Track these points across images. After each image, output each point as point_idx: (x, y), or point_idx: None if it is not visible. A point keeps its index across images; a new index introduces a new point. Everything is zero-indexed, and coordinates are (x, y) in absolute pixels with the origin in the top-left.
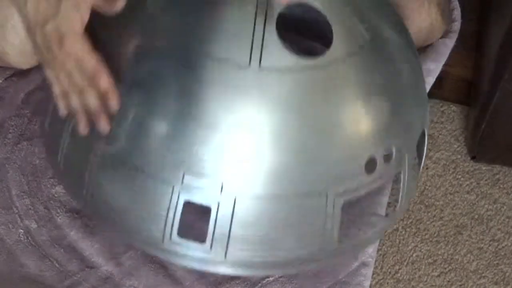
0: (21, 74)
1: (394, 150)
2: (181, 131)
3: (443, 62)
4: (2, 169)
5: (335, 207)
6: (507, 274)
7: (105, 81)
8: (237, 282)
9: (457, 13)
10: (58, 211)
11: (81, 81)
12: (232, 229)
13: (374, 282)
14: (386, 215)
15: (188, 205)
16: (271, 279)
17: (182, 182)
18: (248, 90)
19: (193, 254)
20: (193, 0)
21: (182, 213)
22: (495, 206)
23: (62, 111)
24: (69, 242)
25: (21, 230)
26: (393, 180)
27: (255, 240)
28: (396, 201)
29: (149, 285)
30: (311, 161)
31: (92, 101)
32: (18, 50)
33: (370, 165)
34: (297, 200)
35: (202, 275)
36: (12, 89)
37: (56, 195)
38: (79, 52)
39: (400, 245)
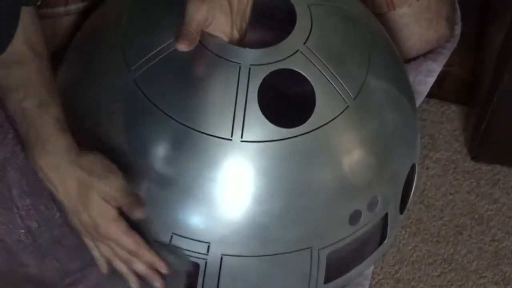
0: None
1: (379, 199)
2: (166, 199)
3: (443, 62)
4: (3, 169)
5: (320, 258)
6: (507, 274)
7: (147, 256)
8: None
9: (457, 16)
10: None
11: (125, 254)
12: (220, 284)
13: (374, 282)
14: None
15: None
16: None
17: (171, 241)
18: (231, 162)
19: None
20: (176, 72)
21: None
22: (495, 206)
23: (104, 269)
24: (70, 242)
25: (22, 230)
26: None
27: None
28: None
29: None
30: (294, 222)
31: (140, 267)
32: None
33: (355, 217)
34: (282, 258)
35: None
36: None
37: None
38: (114, 236)
39: (400, 245)
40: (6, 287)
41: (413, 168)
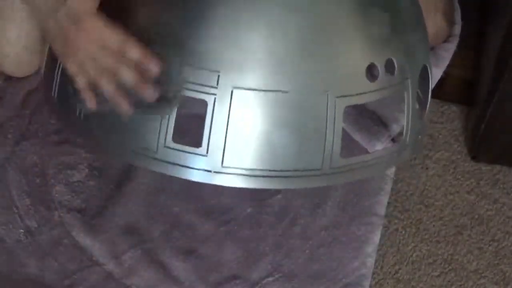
0: None
1: (395, 63)
2: (178, 24)
3: (444, 67)
4: (2, 169)
5: (336, 110)
6: (507, 274)
7: (135, 50)
8: (237, 282)
9: (457, 16)
10: (58, 210)
11: (109, 61)
12: (228, 130)
13: (374, 282)
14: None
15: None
16: (270, 279)
17: (180, 74)
18: None
19: (188, 163)
20: None
21: (177, 121)
22: (495, 206)
23: (91, 104)
24: (70, 242)
25: (22, 230)
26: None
27: (253, 145)
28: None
29: (149, 285)
30: (311, 57)
31: (129, 76)
32: (13, 62)
33: (372, 71)
34: (296, 97)
35: (202, 275)
36: (12, 89)
37: (56, 195)
38: (97, 29)
39: (400, 245)
40: (6, 287)
41: (426, 71)
